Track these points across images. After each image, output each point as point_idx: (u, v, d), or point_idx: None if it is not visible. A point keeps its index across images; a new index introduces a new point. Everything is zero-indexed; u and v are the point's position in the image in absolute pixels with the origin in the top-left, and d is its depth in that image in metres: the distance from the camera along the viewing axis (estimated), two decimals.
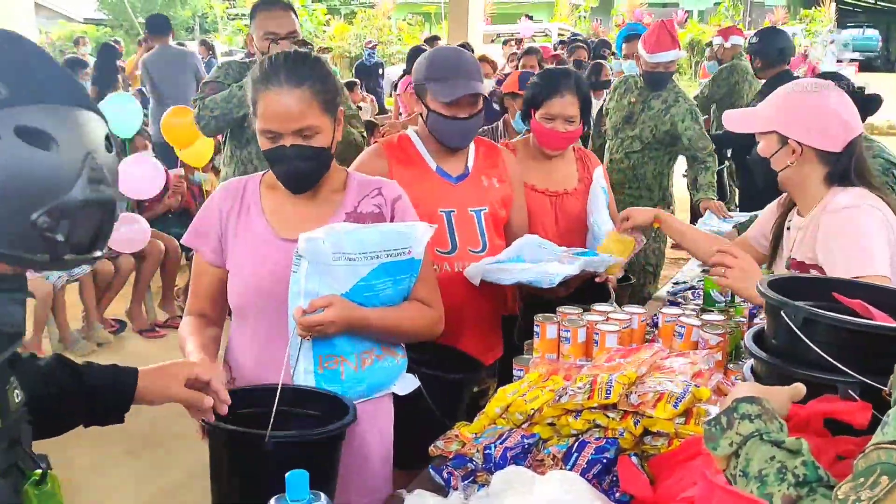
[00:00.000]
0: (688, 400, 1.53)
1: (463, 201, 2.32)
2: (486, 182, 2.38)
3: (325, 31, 21.75)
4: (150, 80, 6.88)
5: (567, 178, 2.73)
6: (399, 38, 22.24)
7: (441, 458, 1.66)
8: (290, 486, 1.15)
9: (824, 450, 1.21)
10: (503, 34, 16.47)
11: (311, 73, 1.68)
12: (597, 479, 1.42)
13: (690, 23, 22.08)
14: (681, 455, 1.39)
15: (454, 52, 2.34)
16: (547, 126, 2.61)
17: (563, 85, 2.60)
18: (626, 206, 4.18)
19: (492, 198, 2.37)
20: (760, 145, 2.05)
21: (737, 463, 1.04)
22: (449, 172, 2.34)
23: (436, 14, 22.13)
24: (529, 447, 1.56)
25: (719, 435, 1.07)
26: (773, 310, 1.42)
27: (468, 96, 2.22)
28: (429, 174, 2.32)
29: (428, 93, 2.26)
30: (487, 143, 2.50)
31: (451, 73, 2.23)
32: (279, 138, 1.67)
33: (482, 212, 2.34)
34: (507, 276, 2.16)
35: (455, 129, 2.27)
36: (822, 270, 1.94)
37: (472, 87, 2.22)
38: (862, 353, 1.31)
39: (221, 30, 23.51)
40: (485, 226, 2.33)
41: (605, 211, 2.60)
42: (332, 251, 1.59)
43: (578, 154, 2.81)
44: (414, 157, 2.34)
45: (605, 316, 2.08)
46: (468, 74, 2.24)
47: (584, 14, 25.97)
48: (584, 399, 1.58)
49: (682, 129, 4.05)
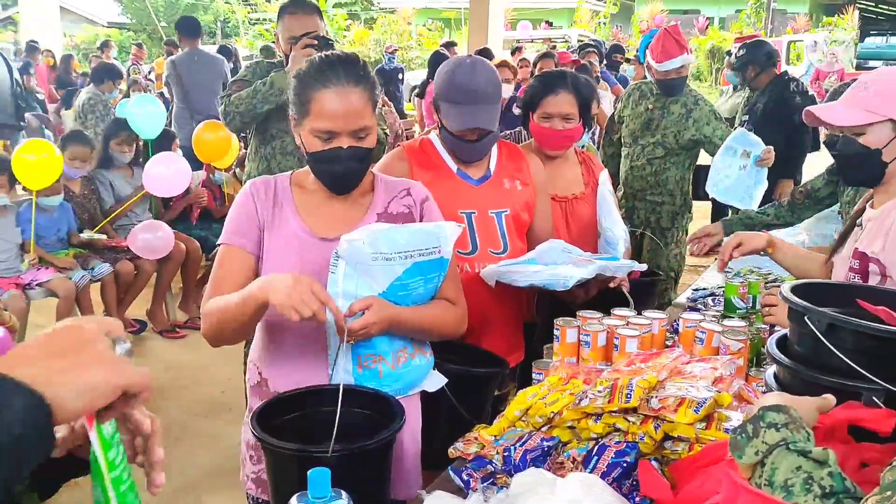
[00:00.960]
0: (709, 405, 1.52)
1: (484, 203, 2.32)
2: (509, 185, 2.38)
3: (345, 36, 21.86)
4: (177, 81, 6.87)
5: (573, 183, 2.72)
6: (419, 43, 22.32)
7: (461, 460, 1.66)
8: (312, 483, 1.16)
9: (849, 457, 1.20)
10: (523, 40, 16.46)
11: (364, 74, 1.71)
12: (616, 483, 1.41)
13: (711, 29, 21.98)
14: (702, 460, 1.38)
15: (468, 73, 2.24)
16: (544, 125, 2.61)
17: (559, 84, 2.61)
18: (648, 213, 4.24)
19: (514, 201, 2.37)
20: (867, 136, 1.89)
21: (762, 472, 1.03)
22: (470, 175, 2.35)
23: (455, 20, 22.19)
24: (549, 450, 1.56)
25: (745, 443, 1.06)
26: (797, 316, 1.41)
27: (475, 128, 2.22)
28: (450, 176, 2.32)
29: (441, 109, 2.29)
30: (511, 146, 2.49)
31: (462, 98, 2.21)
32: (334, 139, 1.68)
33: (503, 214, 2.34)
34: (520, 278, 2.16)
35: (464, 149, 2.29)
36: (881, 265, 1.87)
37: (478, 118, 2.20)
38: (886, 360, 1.30)
39: (243, 34, 23.68)
40: (506, 228, 2.33)
41: (616, 214, 2.60)
42: (371, 251, 1.61)
43: (581, 158, 2.79)
44: (435, 160, 2.34)
45: (625, 321, 2.07)
46: (479, 99, 2.21)
47: (603, 20, 25.92)
48: (604, 402, 1.58)
49: (710, 132, 4.04)
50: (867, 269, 1.91)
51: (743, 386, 1.74)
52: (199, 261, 5.37)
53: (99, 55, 11.94)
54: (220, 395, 4.13)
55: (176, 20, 8.48)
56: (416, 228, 1.72)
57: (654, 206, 4.23)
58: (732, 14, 26.75)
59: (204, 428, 3.80)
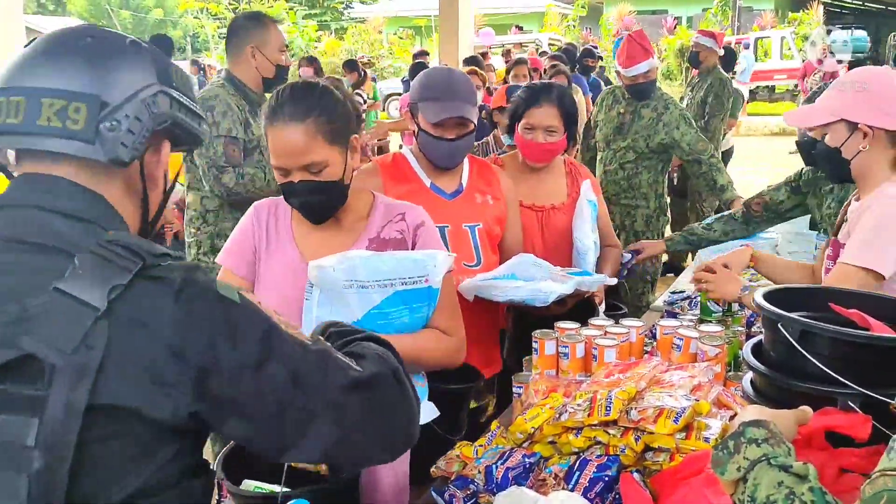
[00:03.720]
0: (688, 414, 1.52)
1: (457, 217, 2.32)
2: (480, 199, 2.39)
3: (316, 46, 21.81)
4: None
5: (555, 193, 2.72)
6: (391, 52, 22.33)
7: (443, 479, 1.65)
8: None
9: (828, 464, 1.21)
10: (494, 46, 16.52)
11: (317, 105, 1.66)
12: (599, 498, 1.41)
13: (680, 29, 22.18)
14: (683, 472, 1.38)
15: (445, 74, 2.34)
16: (527, 137, 2.62)
17: (543, 96, 2.61)
18: (623, 217, 4.26)
19: (486, 215, 2.37)
20: (828, 137, 2.02)
21: (745, 488, 1.03)
22: (443, 189, 2.35)
23: (426, 27, 22.23)
24: (531, 466, 1.55)
25: (726, 460, 1.06)
26: (771, 323, 1.42)
27: (456, 118, 2.23)
28: (423, 190, 2.32)
29: (419, 111, 2.29)
30: (481, 162, 2.51)
31: (440, 94, 2.25)
32: (288, 174, 1.69)
33: (476, 228, 2.34)
34: (499, 294, 2.15)
35: (442, 149, 2.28)
36: None
37: (458, 109, 2.23)
38: (861, 364, 1.31)
39: (213, 49, 23.56)
40: (479, 242, 2.34)
41: (589, 225, 2.57)
42: (344, 278, 1.59)
43: (569, 168, 2.80)
44: (408, 174, 2.34)
45: (602, 330, 2.07)
46: (457, 96, 2.25)
47: (573, 23, 26.08)
48: (584, 416, 1.57)
49: (678, 136, 4.06)
50: (839, 255, 2.01)
51: (722, 391, 1.74)
52: None
53: None
54: None
55: (144, 37, 8.43)
56: (402, 256, 1.69)
57: (629, 209, 4.25)
58: (699, 13, 27.01)
59: None
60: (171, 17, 26.89)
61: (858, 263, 1.89)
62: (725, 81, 6.22)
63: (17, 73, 1.01)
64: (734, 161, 7.11)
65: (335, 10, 27.38)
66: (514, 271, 2.22)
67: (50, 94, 0.98)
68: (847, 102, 1.97)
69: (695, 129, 4.11)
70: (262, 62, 3.11)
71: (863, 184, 2.05)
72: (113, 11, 23.84)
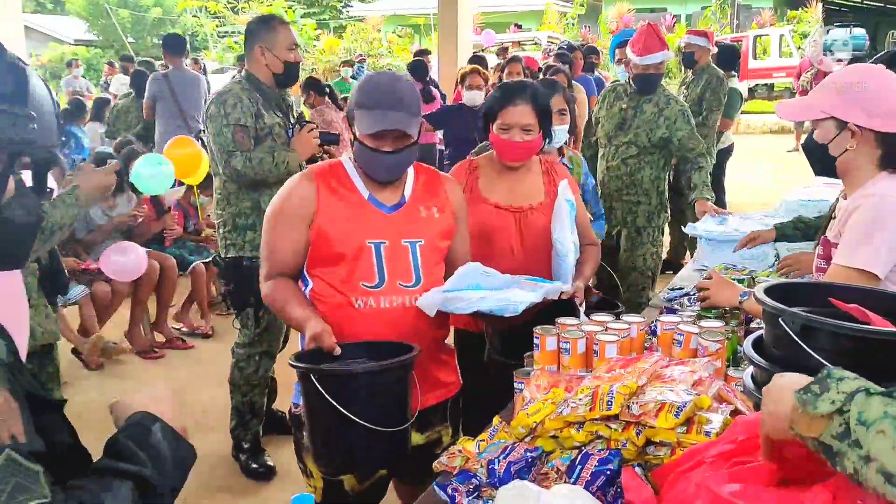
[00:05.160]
0: (689, 409, 1.53)
1: (396, 232, 2.14)
2: (425, 213, 2.21)
3: (315, 45, 21.79)
4: (171, 96, 6.80)
5: (533, 193, 2.66)
6: (389, 50, 22.31)
7: (445, 474, 1.66)
8: None
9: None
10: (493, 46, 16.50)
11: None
12: (601, 492, 1.42)
13: (679, 27, 22.18)
14: (683, 464, 1.38)
15: (388, 80, 2.12)
16: (503, 136, 2.56)
17: (518, 95, 2.55)
18: (625, 213, 4.27)
19: (430, 229, 2.20)
20: (816, 132, 2.06)
21: (842, 420, 0.97)
22: (383, 202, 2.17)
23: (425, 26, 22.20)
24: (533, 461, 1.56)
25: (815, 398, 1.00)
26: (772, 317, 1.43)
27: (392, 131, 2.05)
28: (360, 203, 2.15)
29: (355, 119, 2.11)
30: (429, 171, 2.32)
31: (379, 102, 2.05)
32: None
33: (418, 244, 2.16)
34: (465, 305, 2.05)
35: (378, 163, 2.10)
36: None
37: (397, 121, 2.04)
38: (861, 357, 1.31)
39: (212, 47, 23.54)
40: (420, 259, 2.15)
41: (568, 227, 2.49)
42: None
43: (545, 167, 2.73)
44: (345, 184, 2.16)
45: (603, 326, 2.08)
46: (399, 106, 2.05)
47: (571, 21, 26.08)
48: (585, 411, 1.58)
49: (673, 131, 4.08)
50: (830, 255, 2.05)
51: (722, 386, 1.75)
52: (174, 279, 5.31)
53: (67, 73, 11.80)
54: (201, 416, 4.09)
55: (143, 35, 8.42)
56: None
57: (631, 205, 4.26)
58: (698, 11, 27.02)
59: None
60: (169, 15, 26.85)
61: (852, 265, 1.92)
62: (721, 77, 6.25)
63: None
64: (733, 159, 7.12)
65: (334, 8, 27.34)
66: (468, 281, 2.12)
67: None
68: (839, 101, 2.00)
69: (690, 127, 4.12)
70: (272, 60, 3.41)
71: (848, 181, 2.08)
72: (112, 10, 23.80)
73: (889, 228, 1.93)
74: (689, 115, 4.18)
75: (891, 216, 1.94)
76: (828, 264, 2.08)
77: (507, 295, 2.07)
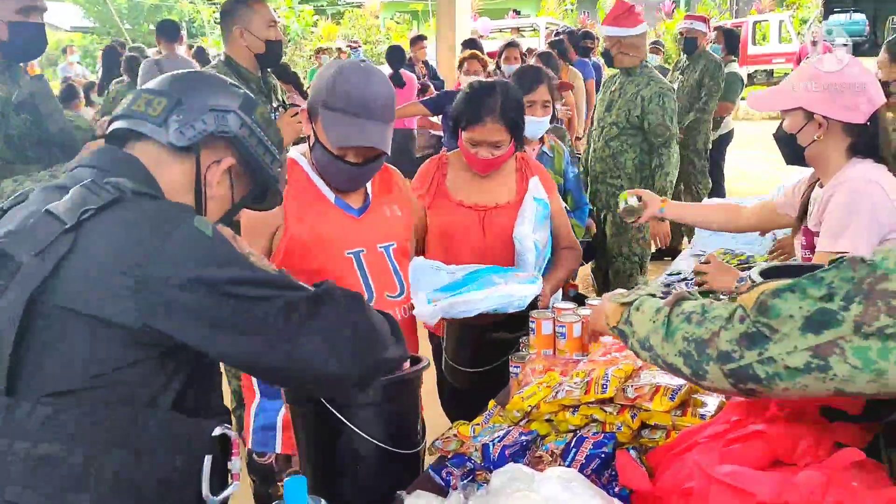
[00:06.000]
0: (684, 392, 1.53)
1: (371, 237, 1.99)
2: (389, 212, 2.08)
3: (312, 31, 21.70)
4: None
5: (502, 192, 2.50)
6: (387, 37, 22.21)
7: (440, 458, 1.66)
8: (288, 492, 1.15)
9: (822, 438, 1.21)
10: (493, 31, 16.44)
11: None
12: (596, 475, 1.42)
13: (678, 13, 22.07)
14: (678, 447, 1.39)
15: (363, 81, 1.85)
16: (472, 150, 2.39)
17: (486, 111, 2.32)
18: (608, 196, 4.24)
19: (398, 230, 2.09)
20: (786, 122, 2.10)
21: (629, 310, 1.29)
22: (350, 204, 2.00)
23: (423, 12, 22.10)
24: (527, 444, 1.56)
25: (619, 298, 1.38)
26: None
27: (366, 148, 1.87)
28: (328, 208, 1.96)
29: (319, 119, 1.87)
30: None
31: (353, 107, 1.82)
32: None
33: (391, 247, 2.04)
34: (468, 308, 1.98)
35: (343, 173, 1.92)
36: None
37: (371, 135, 1.84)
38: None
39: (209, 34, 23.43)
40: (397, 264, 2.04)
41: (530, 225, 2.35)
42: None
43: (519, 164, 2.57)
44: (308, 189, 1.97)
45: None
46: (374, 115, 1.84)
47: (570, 7, 25.95)
48: (580, 394, 1.58)
49: (646, 113, 4.05)
50: (813, 243, 2.11)
51: None
52: None
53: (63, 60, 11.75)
54: None
55: (139, 22, 8.38)
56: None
57: (615, 189, 4.17)
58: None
59: None
60: (166, 2, 26.72)
61: (836, 250, 1.94)
62: (719, 62, 6.23)
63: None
64: (732, 145, 7.09)
65: None
66: (420, 278, 2.05)
67: (148, 93, 1.30)
68: (805, 92, 2.03)
69: (662, 112, 4.03)
70: (252, 40, 3.24)
71: (820, 170, 2.13)
72: None
73: (864, 211, 1.97)
74: (667, 100, 4.07)
75: (865, 199, 1.98)
76: (811, 253, 2.13)
77: (508, 290, 2.04)
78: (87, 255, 1.12)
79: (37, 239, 1.13)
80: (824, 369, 0.98)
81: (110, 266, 1.12)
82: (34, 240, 1.13)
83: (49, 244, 1.12)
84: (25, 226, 1.16)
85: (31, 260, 1.12)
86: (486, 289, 2.05)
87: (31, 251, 1.12)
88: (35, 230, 1.14)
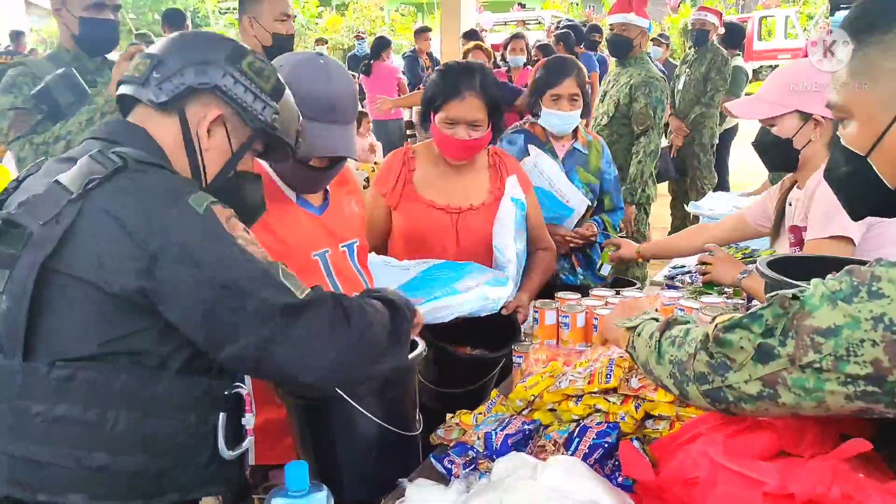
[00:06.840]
0: None
1: (333, 237, 1.90)
2: (348, 209, 1.98)
3: (317, 23, 21.65)
4: None
5: (475, 191, 2.35)
6: (392, 28, 22.17)
7: (442, 447, 1.65)
8: (289, 477, 1.14)
9: (828, 428, 1.20)
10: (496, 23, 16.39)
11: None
12: (599, 464, 1.41)
13: (684, 7, 21.97)
14: (682, 437, 1.37)
15: (326, 83, 1.72)
16: (447, 132, 2.23)
17: (464, 86, 2.20)
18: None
19: (358, 227, 2.00)
20: (777, 128, 2.08)
21: (634, 335, 1.36)
22: (311, 202, 1.90)
23: (428, 4, 22.04)
24: (530, 433, 1.55)
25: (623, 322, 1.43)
26: (773, 290, 1.41)
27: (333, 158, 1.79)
28: (290, 208, 1.86)
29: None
30: None
31: (317, 112, 1.68)
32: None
33: (354, 245, 1.95)
34: (446, 314, 1.94)
35: (305, 178, 1.82)
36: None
37: (339, 143, 1.74)
38: None
39: (213, 24, 23.39)
40: (359, 265, 1.96)
41: (512, 232, 2.23)
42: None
43: (493, 160, 2.41)
44: (268, 189, 1.74)
45: (603, 301, 2.07)
46: (340, 118, 1.74)
47: (575, 1, 25.87)
48: (584, 384, 1.58)
49: (632, 101, 4.05)
50: (802, 238, 2.10)
51: None
52: None
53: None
54: None
55: (144, 11, 8.38)
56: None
57: None
58: None
59: None
60: None
61: (826, 235, 1.95)
62: (725, 56, 6.20)
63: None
64: (736, 140, 7.06)
65: None
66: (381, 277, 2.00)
67: (141, 57, 1.35)
68: (797, 95, 2.02)
69: (646, 101, 4.03)
70: (260, 32, 3.18)
71: (807, 170, 2.11)
72: None
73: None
74: (653, 88, 4.06)
75: None
76: (800, 249, 2.12)
77: (483, 293, 2.00)
78: (91, 224, 1.18)
79: (46, 209, 1.18)
80: (774, 397, 1.05)
81: (111, 235, 1.17)
82: (43, 209, 1.19)
83: (57, 213, 1.17)
84: (36, 196, 1.21)
85: (41, 229, 1.17)
86: (461, 294, 1.97)
87: (40, 220, 1.18)
88: (44, 200, 1.20)
